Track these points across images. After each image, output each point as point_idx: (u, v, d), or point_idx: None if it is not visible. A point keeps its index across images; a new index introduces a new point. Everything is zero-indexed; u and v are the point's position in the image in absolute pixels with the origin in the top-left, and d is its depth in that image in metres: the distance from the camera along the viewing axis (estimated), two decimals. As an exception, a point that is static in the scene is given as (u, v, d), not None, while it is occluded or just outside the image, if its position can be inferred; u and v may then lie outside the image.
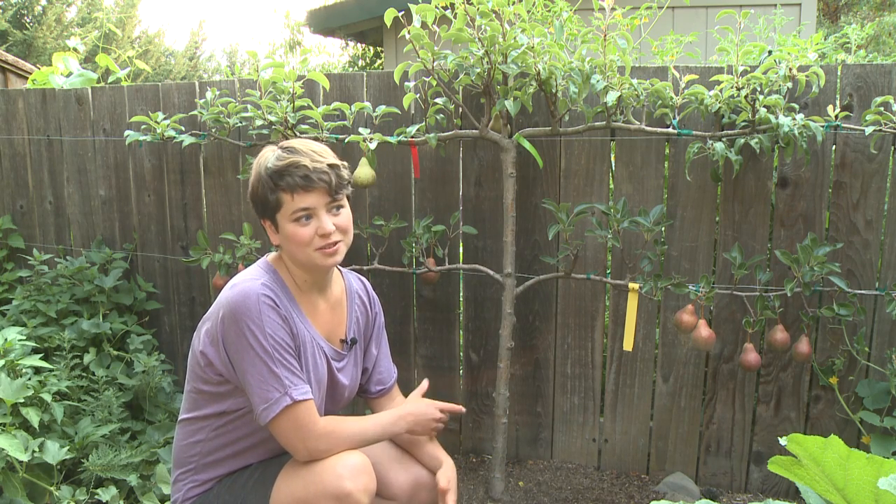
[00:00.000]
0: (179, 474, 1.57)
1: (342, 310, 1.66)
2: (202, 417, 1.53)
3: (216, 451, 1.53)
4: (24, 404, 2.04)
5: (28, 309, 2.61)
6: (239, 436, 1.53)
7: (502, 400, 2.24)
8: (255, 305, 1.40)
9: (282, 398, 1.40)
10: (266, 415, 1.40)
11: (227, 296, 1.45)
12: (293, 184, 1.44)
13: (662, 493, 2.27)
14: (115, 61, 3.44)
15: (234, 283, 1.47)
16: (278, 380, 1.40)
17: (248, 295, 1.41)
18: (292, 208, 1.45)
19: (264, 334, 1.40)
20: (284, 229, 1.48)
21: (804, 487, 0.97)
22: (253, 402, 1.42)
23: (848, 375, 2.18)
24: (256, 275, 1.49)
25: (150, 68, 10.87)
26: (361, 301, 1.72)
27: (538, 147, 2.24)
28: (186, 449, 1.55)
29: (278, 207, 1.46)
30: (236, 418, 1.51)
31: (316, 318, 1.58)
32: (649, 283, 2.07)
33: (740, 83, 1.92)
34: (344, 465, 1.41)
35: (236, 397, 1.49)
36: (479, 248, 2.44)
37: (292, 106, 2.27)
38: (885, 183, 2.09)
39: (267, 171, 1.46)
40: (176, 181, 2.74)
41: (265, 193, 1.47)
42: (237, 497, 1.50)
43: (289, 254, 1.52)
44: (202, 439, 1.53)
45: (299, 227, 1.46)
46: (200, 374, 1.50)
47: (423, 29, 1.99)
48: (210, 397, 1.51)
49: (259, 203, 1.50)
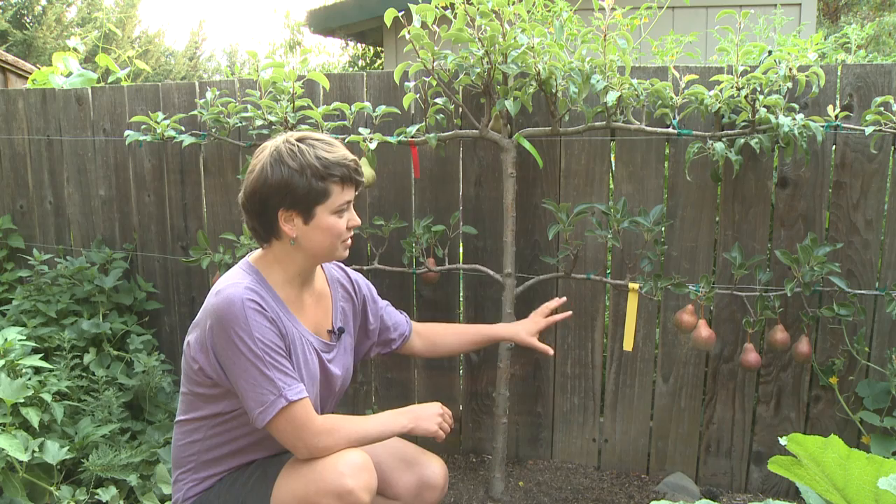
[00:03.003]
0: (179, 474, 1.57)
1: (327, 301, 1.66)
2: (198, 418, 1.52)
3: (214, 450, 1.53)
4: (24, 404, 2.04)
5: (28, 309, 2.61)
6: (236, 435, 1.53)
7: (502, 400, 2.24)
8: (240, 311, 1.39)
9: (277, 400, 1.39)
10: (263, 418, 1.40)
11: (212, 303, 1.43)
12: (345, 176, 1.45)
13: (662, 493, 2.27)
14: (115, 61, 3.44)
15: (219, 290, 1.44)
16: (271, 382, 1.40)
17: (234, 301, 1.40)
18: (340, 200, 1.46)
19: (253, 339, 1.39)
20: (323, 221, 1.46)
21: (804, 487, 0.97)
22: (248, 406, 1.42)
23: (848, 375, 2.18)
24: (239, 278, 1.47)
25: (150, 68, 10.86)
26: (344, 288, 1.72)
27: (538, 147, 2.24)
28: (184, 449, 1.55)
29: (324, 198, 1.44)
30: (232, 418, 1.51)
31: (302, 313, 1.57)
32: (649, 283, 2.07)
33: (740, 83, 1.92)
34: (345, 463, 1.41)
35: (230, 399, 1.48)
36: (479, 248, 2.44)
37: (292, 106, 2.27)
38: (885, 183, 2.09)
39: (320, 160, 1.42)
40: (176, 181, 2.74)
41: (311, 182, 1.42)
42: (238, 496, 1.50)
43: (311, 246, 1.49)
44: (199, 439, 1.53)
45: (339, 219, 1.48)
46: (193, 378, 1.49)
47: (423, 29, 1.99)
48: (205, 399, 1.50)
49: (294, 193, 1.43)
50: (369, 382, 2.61)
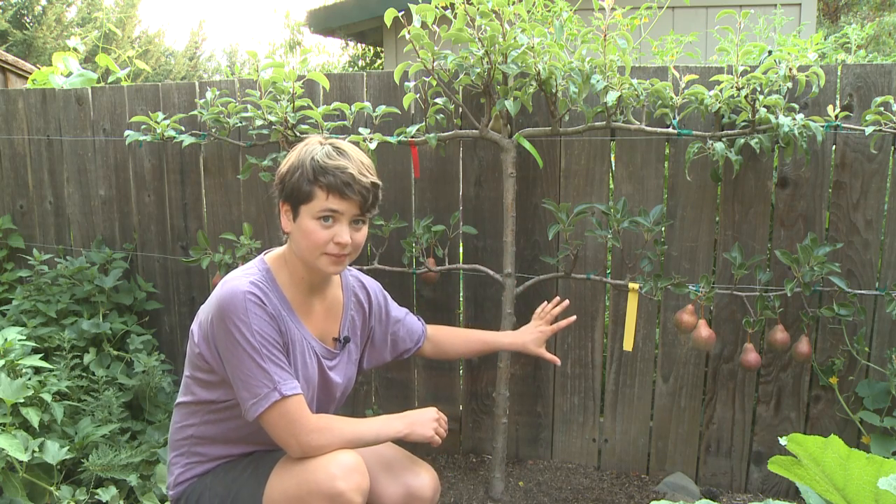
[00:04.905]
0: (173, 457, 1.59)
1: (337, 308, 1.66)
2: (195, 403, 1.55)
3: (206, 437, 1.55)
4: (24, 404, 2.04)
5: (28, 309, 2.61)
6: (228, 427, 1.54)
7: (502, 400, 2.24)
8: (241, 303, 1.42)
9: (270, 393, 1.41)
10: (255, 409, 1.41)
11: (217, 294, 1.47)
12: (332, 184, 1.44)
13: (662, 493, 2.27)
14: (115, 61, 3.44)
15: (225, 281, 1.48)
16: (267, 375, 1.41)
17: (235, 293, 1.43)
18: (321, 206, 1.45)
19: (251, 331, 1.41)
20: (304, 223, 1.47)
21: (804, 487, 0.97)
22: (241, 397, 1.43)
23: (848, 375, 2.18)
24: (248, 273, 1.50)
25: (150, 68, 10.87)
26: (357, 299, 1.72)
27: (538, 147, 2.24)
28: (179, 432, 1.58)
29: (308, 200, 1.46)
30: (225, 408, 1.53)
31: (309, 317, 1.58)
32: (649, 283, 2.07)
33: (740, 83, 1.92)
34: (338, 465, 1.40)
35: (226, 388, 1.50)
36: (479, 248, 2.44)
37: (292, 106, 2.27)
38: (885, 183, 2.09)
39: (312, 163, 1.45)
40: (176, 181, 2.74)
41: (301, 181, 1.46)
42: (229, 489, 1.50)
43: (296, 247, 1.52)
44: (194, 423, 1.56)
45: (319, 228, 1.46)
46: (195, 362, 1.53)
47: (423, 29, 1.99)
48: (202, 384, 1.53)
49: (288, 187, 1.48)
50: (369, 382, 2.61)
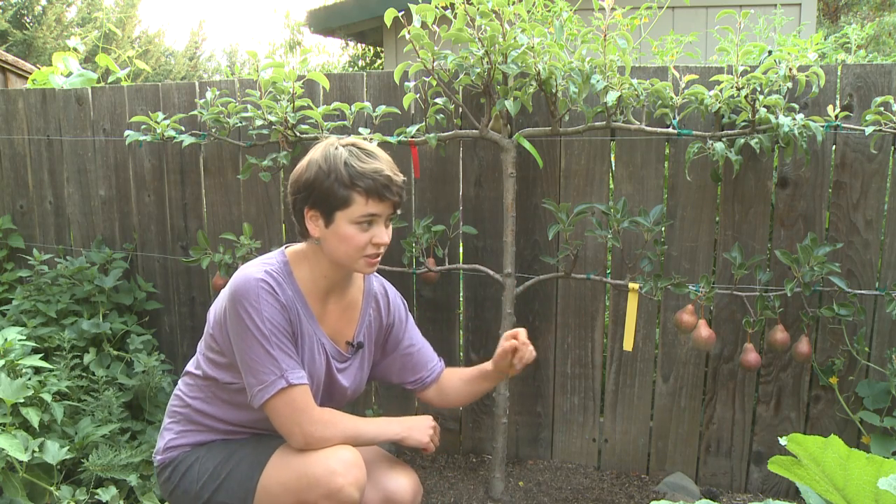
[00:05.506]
0: (167, 423, 1.62)
1: (355, 312, 1.65)
2: (200, 376, 1.57)
3: (209, 414, 1.57)
4: (24, 404, 2.03)
5: (28, 309, 2.61)
6: (224, 409, 1.56)
7: (502, 400, 2.24)
8: (253, 290, 1.43)
9: (277, 380, 1.41)
10: (261, 396, 1.42)
11: (232, 280, 1.49)
12: (372, 188, 1.43)
13: (662, 493, 2.27)
14: (115, 61, 3.44)
15: (242, 268, 1.50)
16: (274, 362, 1.42)
17: (249, 280, 1.45)
18: (362, 211, 1.44)
19: (262, 318, 1.42)
20: (341, 229, 1.46)
21: (804, 487, 0.97)
22: (248, 383, 1.44)
23: (848, 375, 2.18)
24: (265, 262, 1.51)
25: (150, 68, 10.87)
26: (377, 305, 1.70)
27: (538, 147, 2.24)
28: (178, 399, 1.61)
29: (345, 205, 1.44)
30: (226, 390, 1.54)
31: (323, 316, 1.58)
32: (649, 283, 2.07)
33: (740, 83, 1.92)
34: (337, 459, 1.41)
35: (233, 372, 1.51)
36: (479, 248, 2.44)
37: (292, 106, 2.27)
38: (885, 183, 2.09)
39: (347, 168, 1.43)
40: (176, 181, 2.74)
41: (334, 187, 1.43)
42: (222, 468, 1.51)
43: (330, 251, 1.50)
44: (199, 397, 1.57)
45: (359, 232, 1.46)
46: (208, 341, 1.56)
47: (423, 29, 1.99)
48: (210, 363, 1.55)
49: (318, 194, 1.45)
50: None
